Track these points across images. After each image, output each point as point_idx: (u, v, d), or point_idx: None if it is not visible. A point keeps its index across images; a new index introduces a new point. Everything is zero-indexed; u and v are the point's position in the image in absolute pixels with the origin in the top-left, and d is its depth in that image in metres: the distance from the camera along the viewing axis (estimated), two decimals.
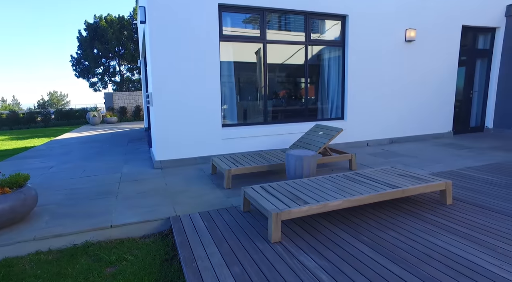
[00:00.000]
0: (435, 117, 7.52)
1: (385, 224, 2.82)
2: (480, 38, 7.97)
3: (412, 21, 6.85)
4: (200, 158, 5.48)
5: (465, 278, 1.98)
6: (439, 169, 4.71)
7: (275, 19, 5.94)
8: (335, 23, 6.40)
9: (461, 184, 3.94)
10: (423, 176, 3.41)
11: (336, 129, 4.68)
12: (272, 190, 3.06)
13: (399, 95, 7.01)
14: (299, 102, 6.46)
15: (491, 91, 8.13)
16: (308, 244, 2.48)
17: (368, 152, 6.15)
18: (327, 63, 6.56)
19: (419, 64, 7.11)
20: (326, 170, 4.84)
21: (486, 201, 3.31)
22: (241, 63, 5.93)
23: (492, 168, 4.63)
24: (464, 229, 2.67)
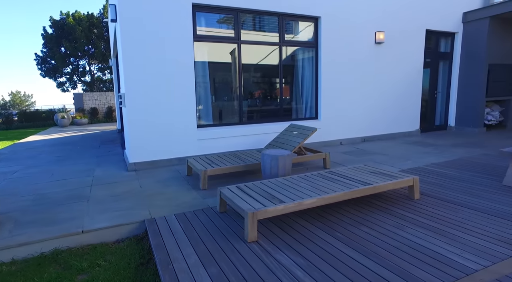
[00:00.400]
0: (404, 117, 7.86)
1: (358, 220, 2.92)
2: (442, 41, 8.42)
3: (381, 24, 7.13)
4: (175, 159, 5.40)
5: (429, 266, 2.09)
6: (408, 166, 4.94)
7: (250, 20, 5.98)
8: (308, 24, 6.53)
9: (427, 179, 4.16)
10: (393, 173, 3.57)
11: (310, 129, 4.78)
12: (248, 189, 3.08)
13: (370, 96, 7.27)
14: (274, 103, 6.54)
15: (453, 92, 8.61)
16: (284, 242, 2.53)
17: (342, 150, 6.33)
18: (301, 64, 6.68)
19: (388, 66, 7.41)
20: (301, 169, 4.94)
21: (449, 195, 3.51)
22: (216, 64, 5.91)
23: (453, 164, 4.92)
24: (429, 221, 2.82)
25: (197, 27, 5.46)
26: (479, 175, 4.27)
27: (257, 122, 6.26)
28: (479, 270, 2.05)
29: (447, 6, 8.00)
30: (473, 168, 4.64)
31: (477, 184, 3.90)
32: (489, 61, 8.04)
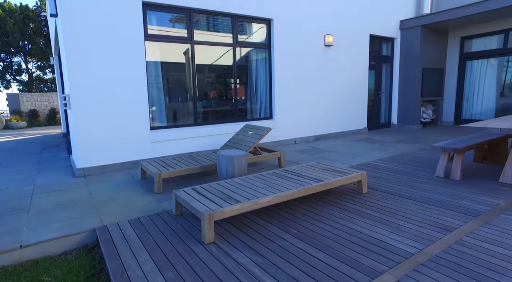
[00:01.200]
0: (353, 116, 8.35)
1: (311, 215, 3.06)
2: (384, 46, 9.09)
3: (330, 28, 7.49)
4: (128, 162, 5.18)
5: (375, 254, 2.27)
6: (357, 162, 5.26)
7: (203, 20, 5.92)
8: (261, 26, 6.65)
9: (375, 174, 4.47)
10: (343, 169, 3.78)
11: (265, 129, 4.89)
12: (204, 191, 3.07)
13: (322, 96, 7.60)
14: (230, 103, 6.55)
15: (394, 92, 9.35)
16: (242, 242, 2.56)
17: (296, 149, 6.54)
18: (255, 65, 6.78)
19: (338, 67, 7.82)
20: (257, 168, 5.02)
21: (393, 188, 3.82)
22: (169, 64, 5.76)
23: (396, 159, 5.35)
24: (376, 213, 3.05)
25: (148, 26, 5.28)
26: (418, 168, 4.69)
27: (212, 123, 6.23)
28: (415, 253, 2.27)
29: (387, 13, 8.66)
30: (412, 162, 5.09)
31: (416, 176, 4.29)
32: (422, 65, 8.85)
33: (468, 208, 3.11)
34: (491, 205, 3.16)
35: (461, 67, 9.53)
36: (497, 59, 8.87)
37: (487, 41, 8.96)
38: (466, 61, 9.45)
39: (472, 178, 4.14)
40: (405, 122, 9.22)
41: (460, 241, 2.45)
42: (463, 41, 9.41)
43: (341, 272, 2.09)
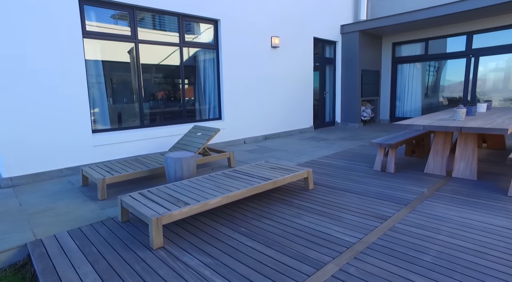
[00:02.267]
0: (300, 115, 8.69)
1: (260, 213, 3.14)
2: (327, 48, 9.62)
3: (276, 30, 7.71)
4: (67, 169, 4.80)
5: (321, 247, 2.42)
6: (304, 160, 5.49)
7: (148, 19, 5.71)
8: (209, 27, 6.61)
9: (320, 170, 4.72)
10: (290, 167, 3.93)
11: (214, 130, 4.88)
12: (152, 195, 2.98)
13: (270, 96, 7.79)
14: (178, 104, 6.41)
15: (337, 92, 9.93)
16: (191, 244, 2.54)
17: (245, 148, 6.63)
18: (203, 65, 6.72)
19: (284, 68, 8.08)
20: (207, 169, 4.99)
21: (336, 182, 4.08)
22: (112, 63, 5.45)
23: (340, 155, 5.71)
24: (321, 208, 3.23)
25: (87, 22, 4.94)
26: (358, 163, 5.06)
27: (160, 125, 6.04)
28: (356, 242, 2.46)
29: (329, 18, 9.16)
30: (354, 158, 5.47)
31: (357, 170, 4.62)
32: (361, 67, 9.54)
33: (400, 197, 3.45)
34: (418, 193, 3.53)
35: (394, 70, 10.46)
36: (421, 63, 9.90)
37: (413, 47, 9.96)
38: (397, 64, 10.39)
39: (403, 170, 4.58)
40: (348, 121, 9.84)
41: (393, 227, 2.71)
42: (394, 46, 10.33)
43: (289, 266, 2.18)
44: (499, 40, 8.41)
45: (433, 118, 4.62)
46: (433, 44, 9.55)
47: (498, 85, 8.68)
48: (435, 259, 2.20)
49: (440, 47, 9.43)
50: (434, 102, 9.86)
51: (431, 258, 2.22)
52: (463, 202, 3.26)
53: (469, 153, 4.04)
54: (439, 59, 9.51)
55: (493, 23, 8.35)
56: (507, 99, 8.62)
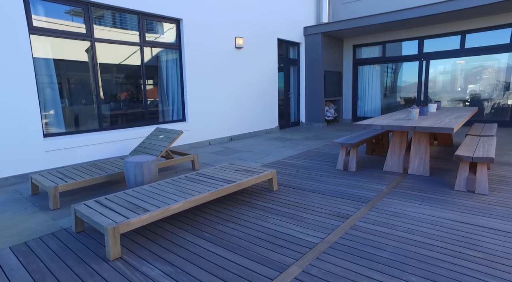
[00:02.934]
0: (265, 115, 8.74)
1: (225, 217, 3.09)
2: (291, 49, 9.77)
3: (240, 31, 7.69)
4: (14, 177, 4.42)
5: (284, 249, 2.42)
6: (269, 160, 5.52)
7: (106, 16, 5.42)
8: (171, 26, 6.43)
9: (285, 171, 4.76)
10: (254, 169, 3.92)
11: (176, 132, 4.75)
12: (109, 202, 2.82)
13: (235, 97, 7.75)
14: (140, 105, 6.17)
15: (302, 93, 10.13)
16: (152, 253, 2.44)
17: (210, 150, 6.53)
18: (165, 66, 6.52)
19: (249, 69, 8.07)
20: (171, 173, 4.85)
21: (300, 183, 4.13)
22: (67, 62, 5.10)
23: (304, 155, 5.81)
24: (285, 209, 3.25)
25: (34, 16, 4.59)
26: (322, 163, 5.17)
27: (120, 128, 5.77)
28: (318, 243, 2.50)
29: (292, 19, 9.31)
30: (318, 157, 5.59)
31: (320, 170, 4.72)
32: (324, 68, 9.81)
33: (361, 195, 3.57)
34: (377, 191, 3.68)
35: (355, 71, 10.86)
36: (380, 65, 10.39)
37: (372, 50, 10.42)
38: (358, 66, 10.81)
39: (364, 168, 4.76)
40: (312, 121, 10.07)
41: (354, 226, 2.78)
42: (354, 48, 10.73)
43: (252, 270, 2.16)
44: (446, 45, 9.04)
45: (390, 118, 4.84)
46: (390, 47, 10.05)
47: (447, 86, 9.33)
48: (391, 254, 2.29)
49: (396, 50, 9.95)
50: (393, 102, 10.38)
51: (388, 254, 2.30)
52: (417, 198, 3.44)
53: (422, 150, 4.28)
54: (396, 61, 10.02)
55: (441, 30, 8.95)
56: (454, 100, 9.29)
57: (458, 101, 9.27)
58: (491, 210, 3.04)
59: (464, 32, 8.74)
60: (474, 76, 8.89)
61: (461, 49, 8.84)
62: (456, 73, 9.12)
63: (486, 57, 8.62)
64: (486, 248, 2.34)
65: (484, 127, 5.58)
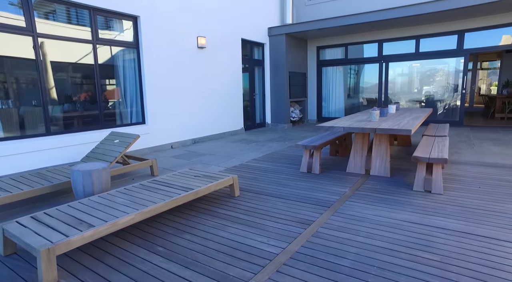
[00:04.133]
0: (230, 117, 8.57)
1: (181, 228, 2.89)
2: (256, 50, 9.68)
3: (202, 30, 7.45)
4: None
5: (243, 262, 2.28)
6: (233, 164, 5.36)
7: (52, 9, 4.96)
8: (128, 23, 6.06)
9: (248, 174, 4.63)
10: (215, 174, 3.75)
11: (133, 136, 4.45)
12: (49, 218, 2.51)
13: (198, 98, 7.50)
14: (94, 107, 5.73)
15: (267, 94, 10.08)
16: (96, 274, 2.19)
17: (172, 154, 6.25)
18: (122, 65, 6.14)
19: (212, 69, 7.86)
20: (127, 180, 4.53)
21: (262, 187, 4.02)
22: (7, 59, 4.58)
23: (269, 157, 5.72)
24: (246, 216, 3.12)
25: None
26: (286, 165, 5.11)
27: (72, 132, 5.32)
28: (279, 253, 2.39)
29: (257, 20, 9.22)
30: (282, 159, 5.52)
31: (284, 173, 4.64)
32: (289, 69, 9.83)
33: (324, 199, 3.52)
34: (340, 194, 3.66)
35: (319, 72, 11.01)
36: (343, 67, 10.62)
37: (335, 51, 10.62)
38: (322, 67, 10.97)
39: (328, 170, 4.75)
40: (278, 122, 10.05)
41: (316, 233, 2.71)
42: (318, 50, 10.88)
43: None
44: (403, 49, 9.43)
45: (352, 119, 4.88)
46: (352, 49, 10.30)
47: (405, 88, 9.73)
48: (353, 263, 2.23)
49: (358, 52, 10.22)
50: (356, 102, 10.65)
51: (350, 262, 2.24)
52: (378, 200, 3.45)
53: (383, 151, 4.34)
54: (357, 63, 10.29)
55: (399, 34, 9.32)
56: (412, 100, 9.73)
57: (415, 102, 9.70)
58: (445, 210, 3.11)
59: (418, 37, 9.15)
60: (428, 79, 9.35)
61: (416, 52, 9.25)
62: (413, 75, 9.54)
63: (438, 61, 9.09)
64: (441, 250, 2.36)
65: (438, 128, 5.83)
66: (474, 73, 13.75)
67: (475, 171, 4.47)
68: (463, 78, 8.80)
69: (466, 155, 5.48)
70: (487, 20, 8.19)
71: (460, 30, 8.58)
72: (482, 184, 3.91)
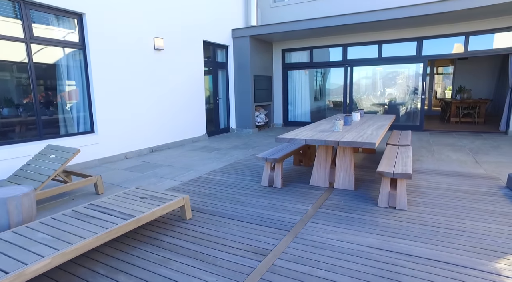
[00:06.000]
0: (191, 123, 8.10)
1: (116, 265, 2.45)
2: (219, 52, 9.29)
3: (160, 31, 6.94)
4: None
5: None
6: (190, 176, 4.94)
7: None
8: (71, 21, 5.43)
9: (204, 190, 4.24)
10: (164, 195, 3.33)
11: (71, 151, 3.90)
12: None
13: (156, 102, 6.97)
14: (30, 114, 5.05)
15: (231, 98, 9.72)
16: None
17: (125, 166, 5.70)
18: (66, 67, 5.49)
19: (171, 72, 7.36)
20: (67, 200, 3.97)
21: (218, 206, 3.65)
22: None
23: (229, 168, 5.36)
24: (195, 245, 2.74)
25: None
26: (247, 178, 4.78)
27: (1, 144, 4.63)
28: None
29: (219, 21, 8.83)
30: (243, 171, 5.18)
31: (243, 188, 4.31)
32: (253, 72, 9.54)
33: (284, 220, 3.22)
34: (302, 213, 3.39)
35: (284, 76, 10.84)
36: (308, 70, 10.52)
37: (300, 55, 10.50)
38: (287, 70, 10.80)
39: (291, 183, 4.48)
40: (243, 126, 9.72)
41: (272, 267, 2.39)
42: (284, 53, 10.70)
43: None
44: (367, 54, 9.49)
45: (315, 129, 4.65)
46: (318, 53, 10.22)
47: (369, 91, 9.81)
48: None
49: (324, 56, 10.16)
50: (322, 106, 10.59)
51: None
52: (341, 219, 3.22)
53: (347, 163, 4.15)
54: (323, 67, 10.23)
55: (362, 39, 9.36)
56: (375, 104, 9.83)
57: (378, 105, 9.80)
58: (410, 230, 2.93)
59: (381, 42, 9.24)
60: (391, 81, 9.48)
61: (379, 58, 9.34)
62: (376, 78, 9.63)
63: (399, 66, 9.23)
64: None
65: (401, 136, 5.79)
66: (431, 78, 14.31)
67: (437, 181, 4.41)
68: (423, 83, 9.00)
69: (428, 163, 5.47)
70: (442, 29, 8.42)
71: (419, 37, 8.76)
72: (444, 196, 3.83)
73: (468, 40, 8.31)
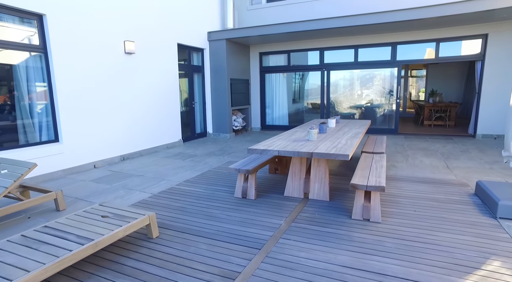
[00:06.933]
0: (165, 128, 7.84)
1: None
2: (194, 55, 9.06)
3: (130, 34, 6.64)
4: None
5: None
6: (161, 188, 4.73)
7: None
8: (30, 22, 5.07)
9: (175, 203, 4.05)
10: (128, 212, 3.11)
11: (27, 165, 3.60)
12: None
13: (127, 108, 6.67)
14: None
15: (208, 102, 9.51)
16: None
17: (93, 176, 5.39)
18: (25, 71, 5.12)
19: (144, 77, 7.08)
20: (22, 219, 3.67)
21: (188, 222, 3.47)
22: None
23: (203, 178, 5.17)
24: (159, 270, 2.55)
25: None
26: (220, 188, 4.61)
27: None
28: None
29: (195, 24, 8.60)
30: (217, 181, 5.01)
31: (216, 199, 4.15)
32: (230, 76, 9.38)
33: (255, 237, 3.09)
34: (274, 229, 3.27)
35: (262, 79, 10.74)
36: (286, 73, 10.47)
37: (278, 58, 10.43)
38: (265, 74, 10.71)
39: (265, 193, 4.36)
40: (220, 131, 9.53)
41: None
42: (261, 56, 10.60)
43: None
44: (343, 58, 9.55)
45: (289, 138, 4.56)
46: (295, 56, 10.19)
47: (346, 95, 9.88)
48: None
49: (301, 59, 10.13)
50: (300, 108, 10.57)
51: None
52: (315, 234, 3.13)
53: (322, 173, 4.07)
54: (300, 70, 10.21)
55: (339, 43, 9.41)
56: (352, 107, 9.92)
57: (355, 108, 9.89)
58: (383, 245, 2.88)
59: (357, 47, 9.32)
60: (367, 83, 9.59)
61: (355, 62, 9.42)
62: (353, 80, 9.71)
63: (375, 70, 9.35)
64: None
65: (376, 142, 5.81)
66: (406, 80, 14.66)
67: (410, 189, 4.42)
68: (397, 88, 9.15)
69: (402, 169, 5.51)
70: (415, 34, 8.59)
71: (393, 42, 8.89)
72: (417, 205, 3.83)
73: (439, 46, 8.52)
